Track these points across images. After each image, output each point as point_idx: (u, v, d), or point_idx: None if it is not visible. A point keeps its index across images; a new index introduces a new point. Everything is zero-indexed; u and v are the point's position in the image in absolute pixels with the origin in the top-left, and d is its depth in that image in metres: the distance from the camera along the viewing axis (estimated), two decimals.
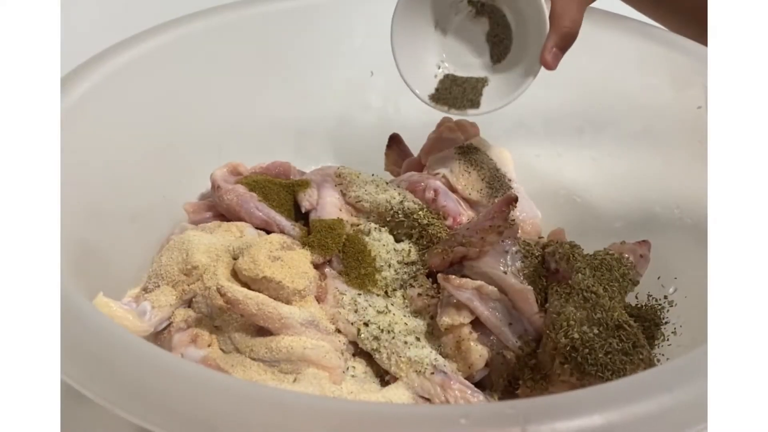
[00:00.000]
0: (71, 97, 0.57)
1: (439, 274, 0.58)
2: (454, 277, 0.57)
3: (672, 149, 0.65)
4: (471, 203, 0.67)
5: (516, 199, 0.59)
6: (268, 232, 0.62)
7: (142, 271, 0.61)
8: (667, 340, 0.57)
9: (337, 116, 0.75)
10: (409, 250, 0.61)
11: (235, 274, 0.57)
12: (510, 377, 0.56)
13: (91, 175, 0.59)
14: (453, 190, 0.67)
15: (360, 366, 0.56)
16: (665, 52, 0.62)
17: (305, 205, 0.63)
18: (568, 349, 0.53)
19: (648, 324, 0.59)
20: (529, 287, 0.57)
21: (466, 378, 0.55)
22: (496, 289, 0.57)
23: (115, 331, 0.43)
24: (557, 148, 0.72)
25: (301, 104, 0.75)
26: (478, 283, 0.57)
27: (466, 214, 0.65)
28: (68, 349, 0.40)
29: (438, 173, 0.68)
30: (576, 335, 0.54)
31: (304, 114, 0.75)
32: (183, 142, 0.68)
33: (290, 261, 0.58)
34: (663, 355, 0.57)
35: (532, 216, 0.66)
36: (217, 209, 0.64)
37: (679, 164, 0.64)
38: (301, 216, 0.64)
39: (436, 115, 0.68)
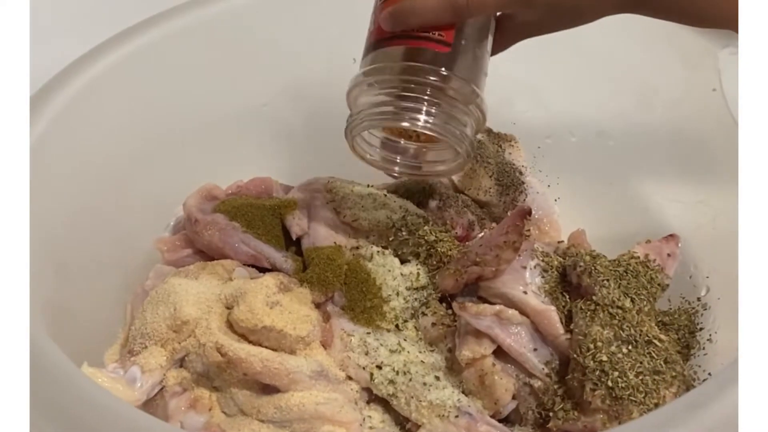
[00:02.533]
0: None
1: (454, 304, 0.54)
2: (471, 304, 0.54)
3: (693, 134, 0.60)
4: (481, 204, 0.62)
5: (530, 212, 0.55)
6: (258, 268, 0.57)
7: (116, 325, 0.56)
8: (703, 348, 0.54)
9: (319, 111, 0.68)
10: (418, 273, 0.57)
11: (230, 326, 0.53)
12: (540, 408, 0.53)
13: (53, 226, 0.53)
14: (458, 191, 0.62)
15: (377, 414, 0.53)
16: (675, 29, 0.56)
17: (295, 230, 0.58)
18: (597, 373, 0.51)
19: (682, 332, 0.56)
20: (552, 307, 0.54)
21: (493, 415, 0.52)
22: (516, 312, 0.54)
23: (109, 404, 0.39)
24: (569, 133, 0.66)
25: (278, 100, 0.68)
26: (497, 308, 0.54)
27: (476, 223, 0.60)
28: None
29: None
30: (604, 357, 0.51)
31: (282, 111, 0.68)
32: (143, 164, 0.62)
33: (290, 305, 0.53)
34: (699, 366, 0.54)
35: (549, 213, 0.62)
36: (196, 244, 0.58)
37: (702, 152, 0.59)
38: (291, 240, 0.59)
39: None
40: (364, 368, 0.53)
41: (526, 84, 0.67)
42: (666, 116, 0.62)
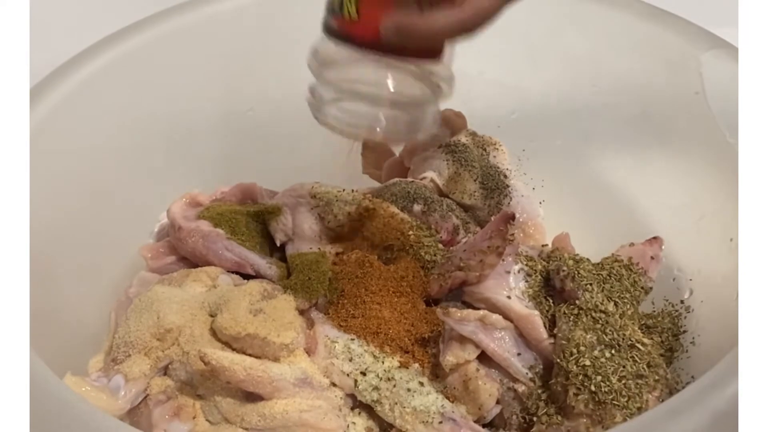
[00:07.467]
0: None
1: (438, 310, 0.55)
2: (454, 310, 0.54)
3: (676, 138, 0.61)
4: (466, 208, 0.62)
5: (513, 217, 0.55)
6: (243, 274, 0.57)
7: (101, 332, 0.56)
8: (686, 351, 0.55)
9: (304, 117, 0.68)
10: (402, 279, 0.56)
11: (214, 333, 0.53)
12: (524, 413, 0.53)
13: (36, 232, 0.53)
14: (443, 194, 0.62)
15: (361, 421, 0.53)
16: (658, 31, 0.56)
17: (279, 237, 0.58)
18: (580, 377, 0.51)
19: (666, 335, 0.56)
20: (536, 312, 0.55)
21: (477, 420, 0.53)
22: (500, 316, 0.54)
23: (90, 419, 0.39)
24: (554, 136, 0.67)
25: (262, 105, 0.68)
26: (481, 313, 0.54)
27: (461, 227, 0.60)
28: None
29: (425, 177, 0.62)
30: (587, 362, 0.52)
31: (266, 116, 0.68)
32: (126, 171, 0.62)
33: (273, 312, 0.53)
34: (683, 369, 0.54)
35: (534, 216, 0.62)
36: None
37: (686, 156, 0.59)
38: (275, 246, 0.59)
39: None
40: (348, 375, 0.53)
41: (510, 87, 0.67)
42: (649, 120, 0.62)
